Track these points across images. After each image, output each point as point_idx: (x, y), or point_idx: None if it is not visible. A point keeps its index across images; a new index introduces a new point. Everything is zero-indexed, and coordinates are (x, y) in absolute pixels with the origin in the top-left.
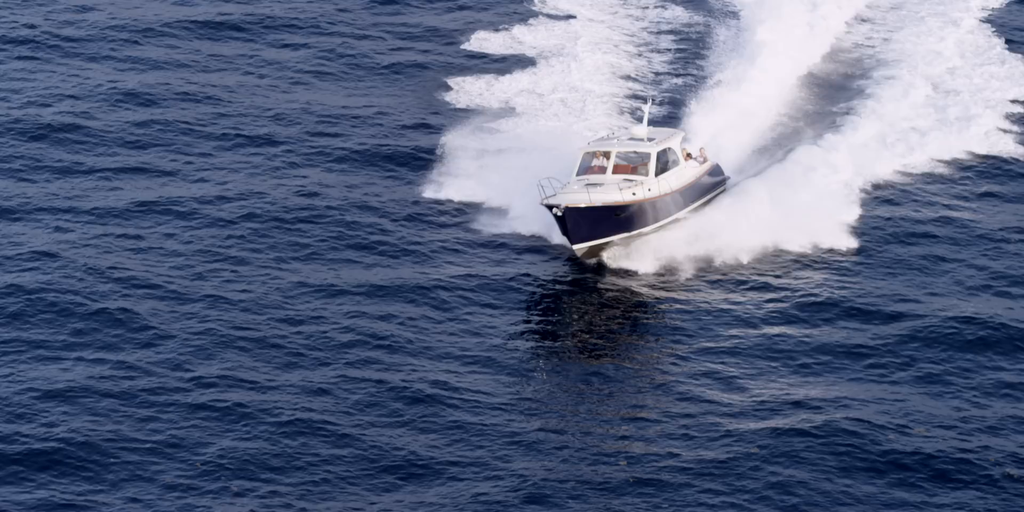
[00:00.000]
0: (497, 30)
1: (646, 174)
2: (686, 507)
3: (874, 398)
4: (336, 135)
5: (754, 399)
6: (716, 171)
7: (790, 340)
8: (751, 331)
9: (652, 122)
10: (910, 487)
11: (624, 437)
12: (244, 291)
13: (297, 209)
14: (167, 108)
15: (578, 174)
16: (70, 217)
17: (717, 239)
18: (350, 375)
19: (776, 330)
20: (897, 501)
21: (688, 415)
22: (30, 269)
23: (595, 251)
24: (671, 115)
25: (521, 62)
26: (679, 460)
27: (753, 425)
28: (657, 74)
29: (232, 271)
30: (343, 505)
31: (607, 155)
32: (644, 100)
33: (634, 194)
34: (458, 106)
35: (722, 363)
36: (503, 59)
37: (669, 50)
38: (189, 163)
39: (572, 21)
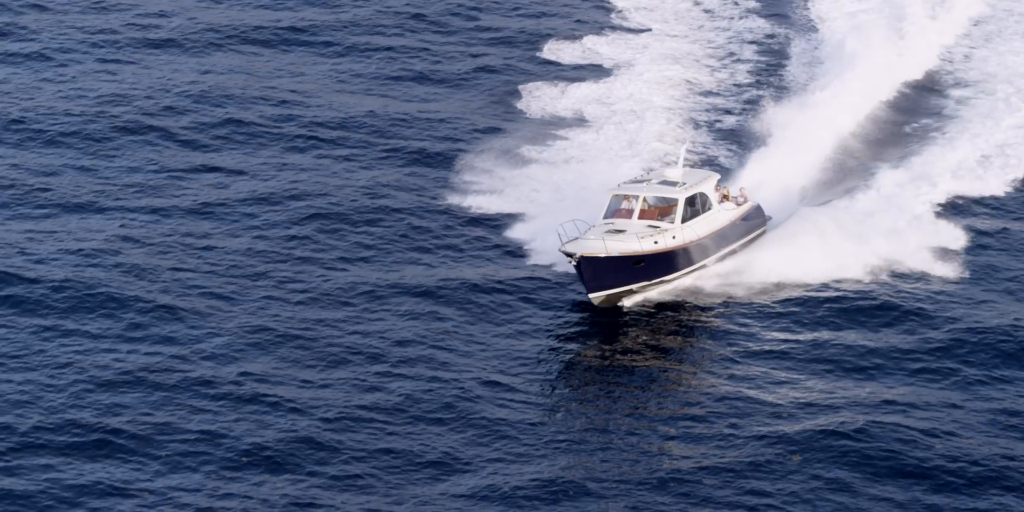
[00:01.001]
0: (573, 40)
1: (672, 220)
2: (726, 508)
3: (923, 403)
4: (407, 138)
5: (801, 401)
6: (755, 213)
7: (841, 344)
8: (804, 335)
9: (726, 134)
10: (952, 492)
11: (669, 437)
12: (303, 291)
13: (364, 210)
14: (242, 110)
15: (605, 217)
16: (137, 214)
17: (807, 277)
18: (402, 373)
19: (828, 334)
20: (939, 506)
21: (735, 416)
22: (93, 264)
23: (613, 299)
24: (744, 129)
25: (594, 72)
26: (721, 460)
27: (798, 427)
28: (738, 85)
29: (295, 270)
30: (384, 497)
31: (635, 199)
32: (713, 117)
33: (656, 242)
34: (529, 113)
35: (772, 366)
36: (576, 68)
37: (747, 62)
38: (260, 164)
39: (647, 34)
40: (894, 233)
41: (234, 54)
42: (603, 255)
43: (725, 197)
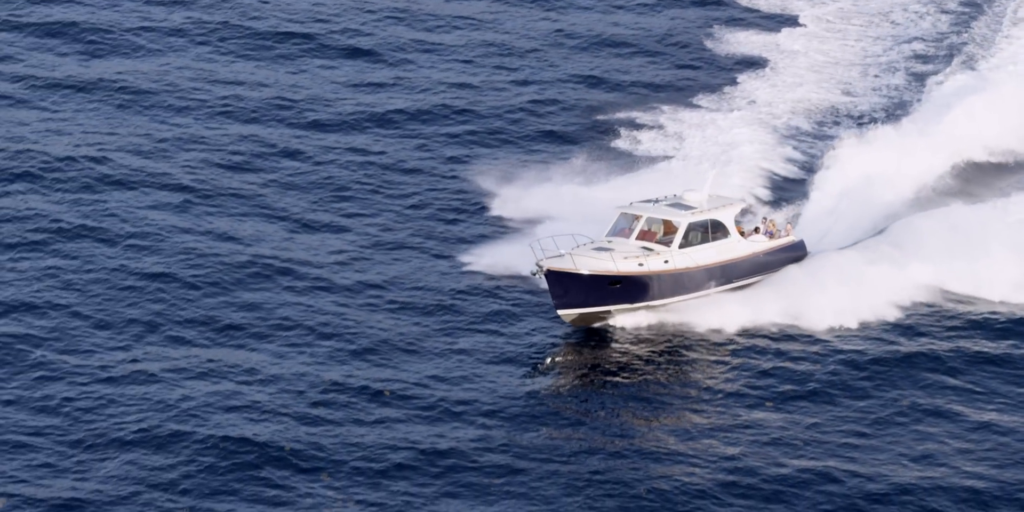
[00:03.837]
0: None
1: (669, 244)
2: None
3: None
4: (587, 65)
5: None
6: (791, 248)
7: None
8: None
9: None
10: None
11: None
12: (453, 209)
13: (528, 136)
14: (435, 31)
15: (608, 234)
16: (296, 128)
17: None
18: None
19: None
20: None
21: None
22: (241, 170)
23: (588, 319)
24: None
25: (784, 22)
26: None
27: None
28: (937, 35)
29: (449, 191)
30: (472, 386)
31: (638, 218)
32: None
33: (640, 265)
34: (716, 52)
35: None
36: (771, 17)
37: (949, 13)
38: (431, 80)
39: None
40: None
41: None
42: (571, 271)
43: (756, 229)
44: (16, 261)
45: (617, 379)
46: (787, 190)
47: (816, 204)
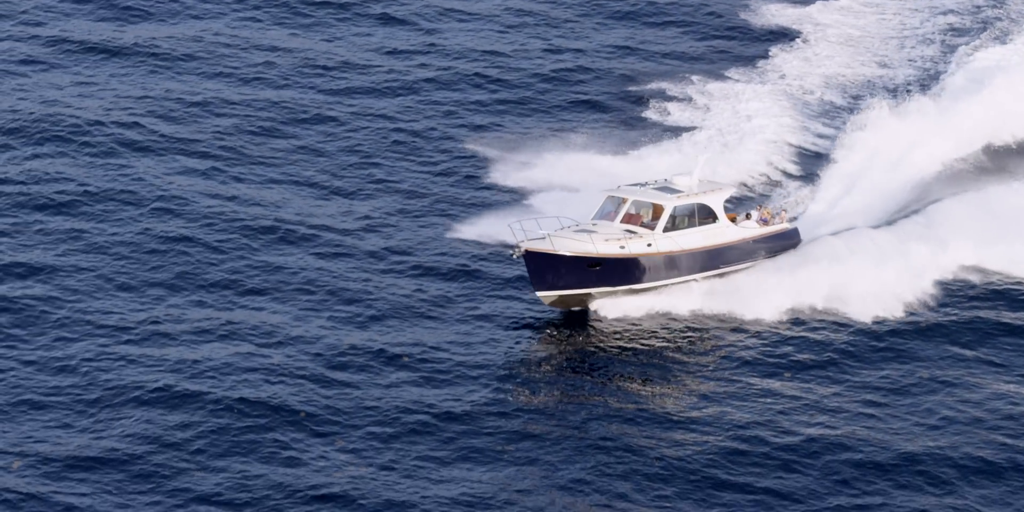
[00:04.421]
0: None
1: (653, 227)
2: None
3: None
4: (624, 35)
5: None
6: (783, 236)
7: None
8: None
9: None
10: None
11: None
12: (472, 178)
13: (564, 105)
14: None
15: (594, 217)
16: (327, 95)
17: None
18: None
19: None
20: None
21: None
22: (266, 132)
23: (568, 301)
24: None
25: None
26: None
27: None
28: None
29: (473, 164)
30: (488, 351)
31: (624, 202)
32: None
33: (622, 247)
34: (750, 23)
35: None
36: None
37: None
38: (465, 49)
39: None
40: None
41: None
42: (550, 252)
43: (748, 215)
44: (43, 223)
45: (635, 345)
46: (815, 165)
47: (843, 163)
